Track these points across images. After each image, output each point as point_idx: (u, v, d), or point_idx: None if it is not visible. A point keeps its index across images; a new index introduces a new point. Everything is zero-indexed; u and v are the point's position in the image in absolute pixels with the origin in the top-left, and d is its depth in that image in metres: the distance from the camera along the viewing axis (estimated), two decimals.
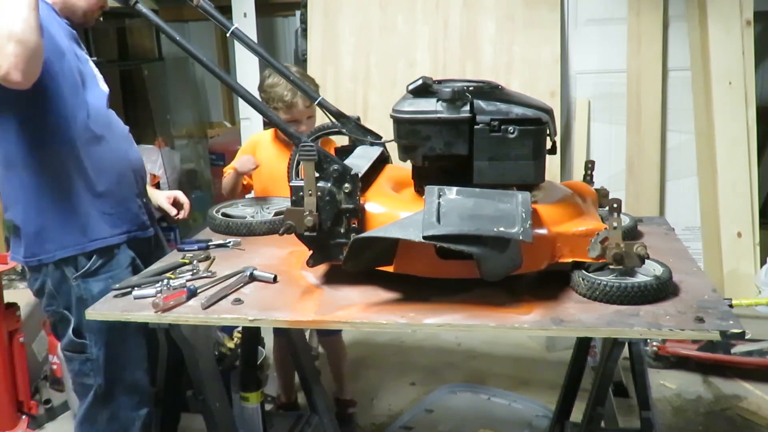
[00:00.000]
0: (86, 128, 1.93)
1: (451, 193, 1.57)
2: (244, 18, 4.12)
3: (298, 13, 4.38)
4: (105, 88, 2.06)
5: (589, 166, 2.05)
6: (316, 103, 2.05)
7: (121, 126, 2.08)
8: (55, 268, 1.96)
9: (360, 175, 1.65)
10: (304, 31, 4.00)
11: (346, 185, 1.63)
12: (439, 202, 1.54)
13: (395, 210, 1.65)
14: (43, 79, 1.79)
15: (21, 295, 3.03)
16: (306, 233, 1.64)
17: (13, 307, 2.81)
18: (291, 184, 1.67)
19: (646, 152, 3.83)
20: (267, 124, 4.32)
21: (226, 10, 4.05)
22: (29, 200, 1.93)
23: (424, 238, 1.46)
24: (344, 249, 1.64)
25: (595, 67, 3.86)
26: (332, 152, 1.86)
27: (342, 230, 1.66)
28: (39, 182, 1.91)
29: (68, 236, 1.94)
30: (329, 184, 1.64)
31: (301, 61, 4.06)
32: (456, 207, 1.53)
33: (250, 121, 4.24)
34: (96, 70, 2.07)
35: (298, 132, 1.84)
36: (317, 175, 1.64)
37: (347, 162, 1.73)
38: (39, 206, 1.93)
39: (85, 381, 2.03)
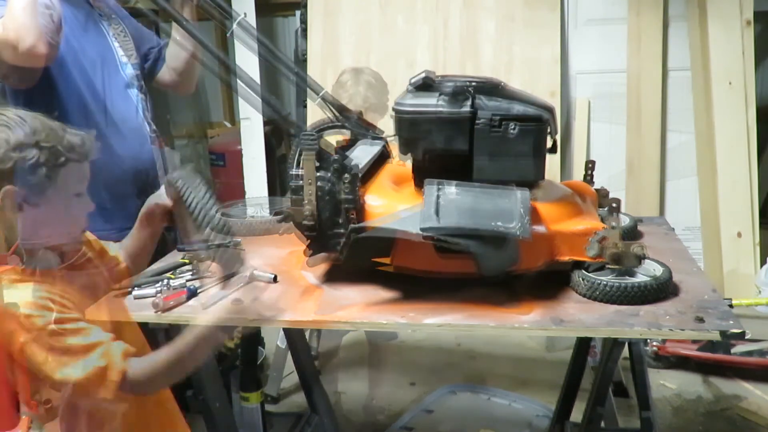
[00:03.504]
0: (98, 119, 1.94)
1: (451, 187, 1.56)
2: (244, 18, 4.11)
3: (298, 13, 4.38)
4: (130, 71, 2.08)
5: (590, 166, 2.04)
6: (320, 96, 2.04)
7: (137, 122, 2.08)
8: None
9: (360, 169, 1.64)
10: (304, 31, 4.00)
11: (346, 177, 1.63)
12: (438, 196, 1.53)
13: (394, 204, 1.64)
14: (54, 68, 1.83)
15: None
16: (304, 222, 1.63)
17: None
18: (291, 172, 1.67)
19: (646, 152, 3.83)
20: (267, 124, 4.33)
21: None
22: None
23: (422, 230, 1.46)
24: (341, 241, 1.63)
25: (595, 67, 3.86)
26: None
27: (340, 222, 1.65)
28: None
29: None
30: (329, 175, 1.63)
31: (301, 61, 4.05)
32: (455, 202, 1.53)
33: (250, 121, 4.24)
34: (122, 54, 2.08)
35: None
36: (317, 164, 1.63)
37: None
38: None
39: None
